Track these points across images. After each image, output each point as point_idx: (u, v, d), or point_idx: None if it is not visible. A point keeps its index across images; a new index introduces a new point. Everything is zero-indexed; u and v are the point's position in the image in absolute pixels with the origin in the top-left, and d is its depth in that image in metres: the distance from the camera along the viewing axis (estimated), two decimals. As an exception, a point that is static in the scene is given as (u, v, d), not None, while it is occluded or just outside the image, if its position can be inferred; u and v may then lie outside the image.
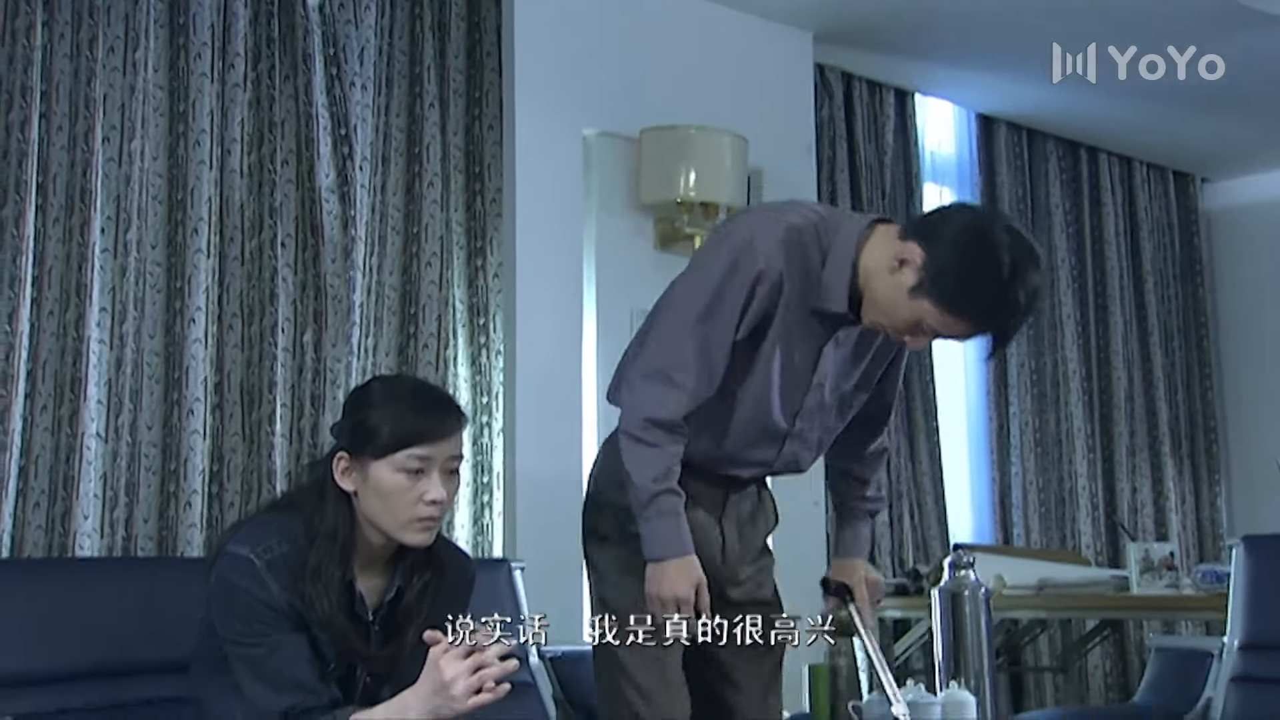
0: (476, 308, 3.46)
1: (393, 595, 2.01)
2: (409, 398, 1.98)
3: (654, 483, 1.99)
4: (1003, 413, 4.64)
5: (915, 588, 3.92)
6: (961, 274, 1.90)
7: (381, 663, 1.99)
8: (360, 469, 1.95)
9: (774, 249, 1.97)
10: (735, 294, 1.97)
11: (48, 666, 2.28)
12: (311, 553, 1.92)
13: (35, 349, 2.77)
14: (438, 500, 1.94)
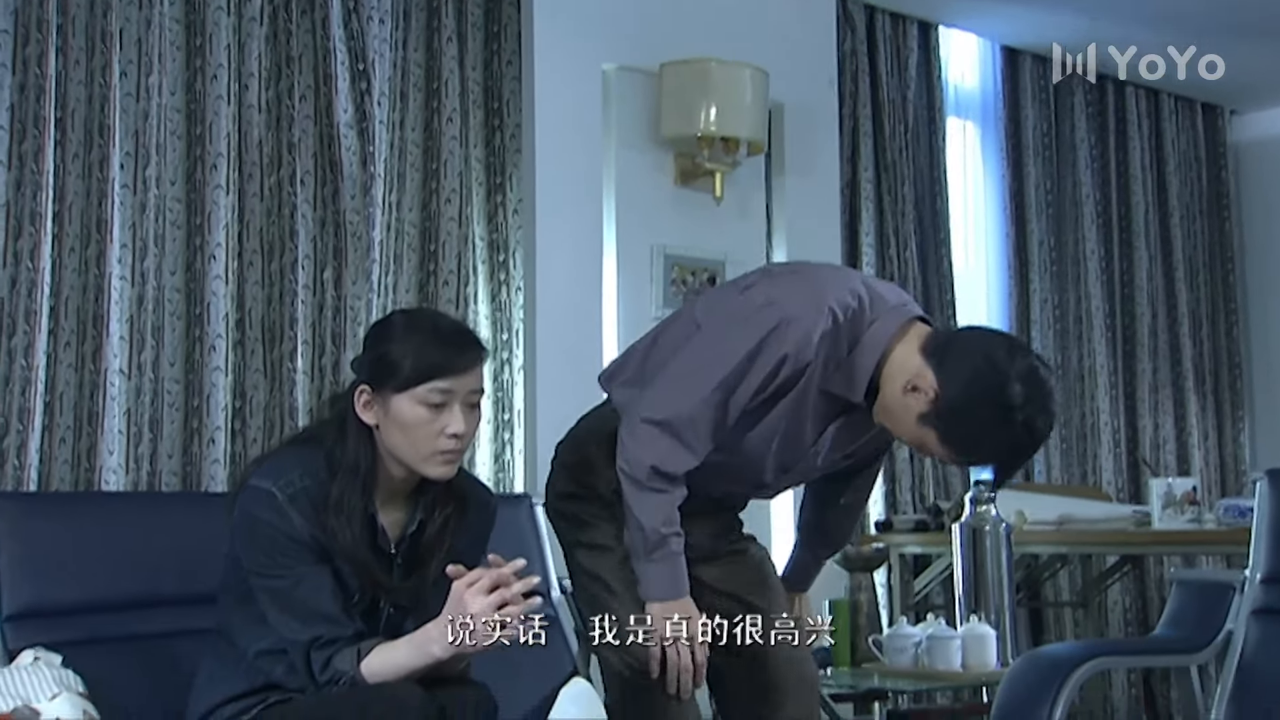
0: (496, 244, 3.45)
1: (414, 528, 2.01)
2: (430, 331, 1.98)
3: (662, 526, 1.99)
4: (1025, 350, 4.60)
5: (936, 523, 3.93)
6: (969, 421, 1.88)
7: (404, 595, 2.00)
8: (381, 402, 1.95)
9: (809, 341, 1.95)
10: (759, 371, 1.96)
11: (75, 599, 2.30)
12: (333, 485, 1.93)
13: (57, 285, 2.77)
14: (459, 434, 1.93)
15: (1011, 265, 4.62)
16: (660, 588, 2.02)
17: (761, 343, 1.96)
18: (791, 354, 1.95)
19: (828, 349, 1.97)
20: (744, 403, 1.98)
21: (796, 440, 2.06)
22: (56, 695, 1.96)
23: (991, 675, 3.03)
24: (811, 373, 1.99)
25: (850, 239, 4.19)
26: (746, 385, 1.97)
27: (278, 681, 1.96)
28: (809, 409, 2.02)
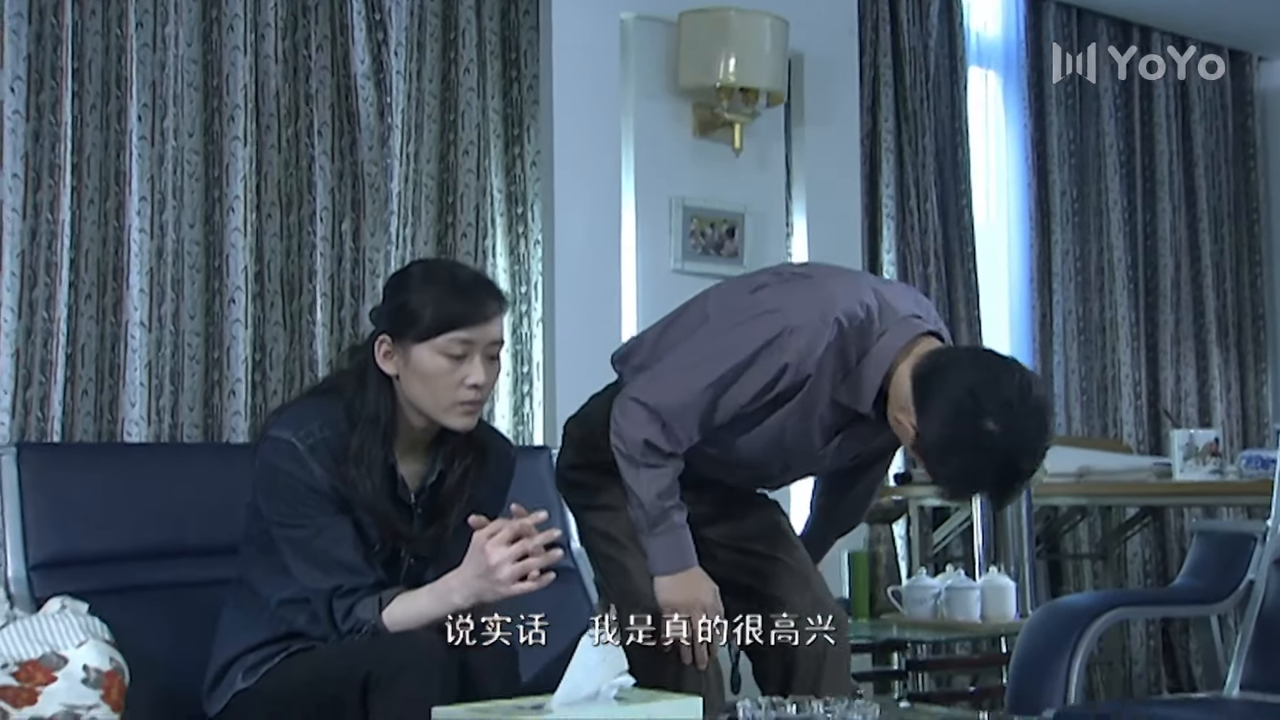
0: (514, 196, 3.43)
1: (434, 479, 2.02)
2: (449, 281, 1.98)
3: (660, 499, 2.01)
4: (1046, 301, 4.57)
5: (955, 476, 3.91)
6: (951, 461, 1.87)
7: (424, 545, 2.01)
8: (402, 352, 1.95)
9: (812, 352, 1.95)
10: (756, 377, 1.96)
11: (100, 548, 2.33)
12: (354, 436, 1.94)
13: (77, 237, 2.77)
14: (479, 384, 1.93)
15: (1033, 216, 4.57)
16: (666, 560, 2.03)
17: (761, 349, 1.96)
18: (793, 364, 1.95)
19: (834, 361, 1.96)
20: (740, 404, 1.99)
21: (804, 447, 2.06)
22: (83, 642, 1.99)
23: (1010, 626, 3.04)
24: (815, 384, 1.97)
25: (870, 190, 4.15)
26: (741, 388, 1.98)
27: (300, 630, 1.98)
28: (816, 418, 2.02)
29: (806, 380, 1.97)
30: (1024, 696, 2.44)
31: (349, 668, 1.84)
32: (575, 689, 1.50)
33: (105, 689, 1.96)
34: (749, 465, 2.13)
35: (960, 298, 4.32)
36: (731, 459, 2.10)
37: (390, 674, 1.77)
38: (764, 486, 2.27)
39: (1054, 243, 4.57)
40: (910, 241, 4.18)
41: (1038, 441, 1.89)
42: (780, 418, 2.02)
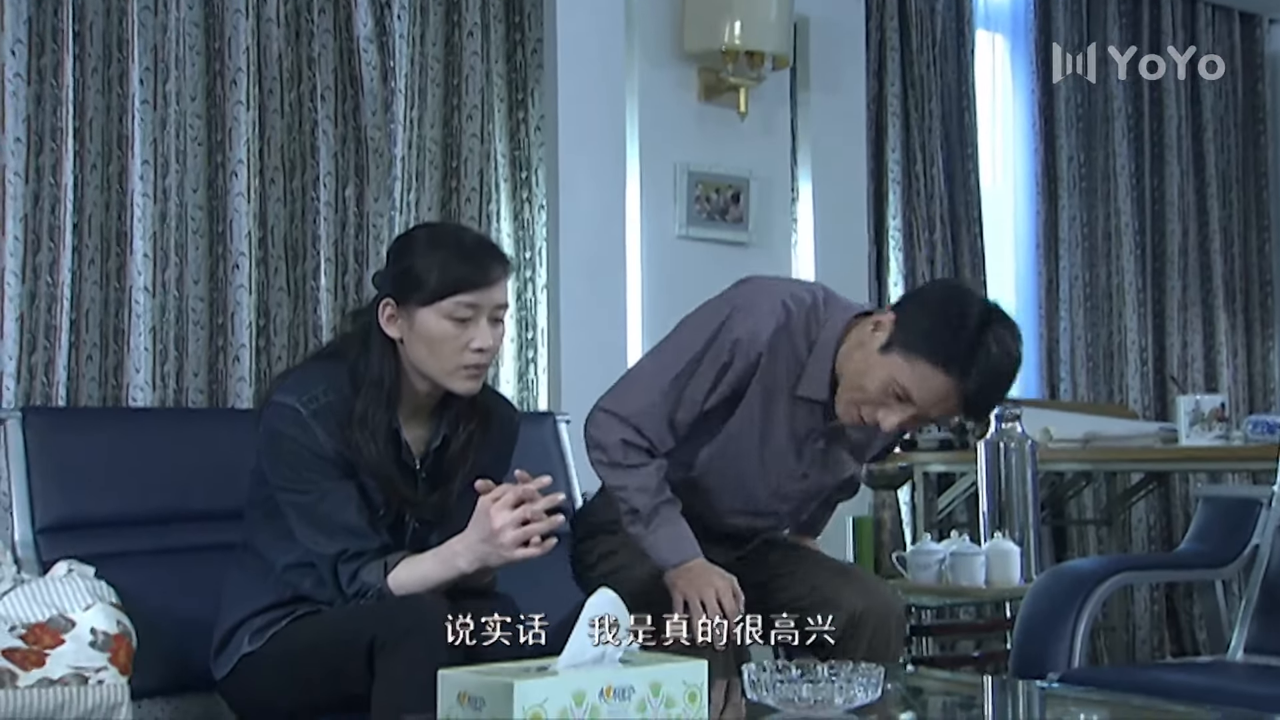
0: (519, 161, 3.42)
1: (438, 444, 2.01)
2: (454, 245, 1.97)
3: (651, 496, 2.02)
4: (1052, 267, 4.55)
5: (960, 441, 3.92)
6: (931, 326, 1.91)
7: (429, 509, 2.01)
8: (406, 316, 1.94)
9: (759, 327, 2.01)
10: (711, 362, 2.02)
11: (107, 512, 2.33)
12: (358, 400, 1.93)
13: (80, 202, 2.76)
14: (484, 348, 1.93)
15: (1040, 182, 4.54)
16: (670, 551, 2.03)
17: (713, 336, 2.02)
18: (743, 339, 2.00)
19: (785, 347, 2.01)
20: (701, 397, 2.02)
21: (781, 458, 2.09)
22: (91, 606, 1.99)
23: (1015, 591, 3.04)
24: (768, 369, 2.02)
25: (876, 155, 4.13)
26: (699, 380, 2.02)
27: (306, 594, 1.98)
28: (779, 419, 2.05)
29: (759, 361, 2.01)
30: (1028, 661, 2.44)
31: (355, 631, 1.84)
32: (581, 651, 1.50)
33: (113, 652, 1.96)
34: (737, 496, 2.13)
35: (966, 263, 4.30)
36: (718, 493, 2.11)
37: (396, 637, 1.78)
38: (766, 526, 2.23)
39: (1061, 208, 4.55)
40: (916, 207, 4.16)
41: (1016, 332, 1.94)
42: (744, 419, 2.05)
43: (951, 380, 1.90)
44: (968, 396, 1.92)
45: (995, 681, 2.42)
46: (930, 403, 1.93)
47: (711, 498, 2.15)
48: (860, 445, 2.20)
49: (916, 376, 1.92)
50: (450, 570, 1.88)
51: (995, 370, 1.92)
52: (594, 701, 1.45)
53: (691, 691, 1.53)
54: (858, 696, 1.63)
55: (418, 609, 1.83)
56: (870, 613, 2.10)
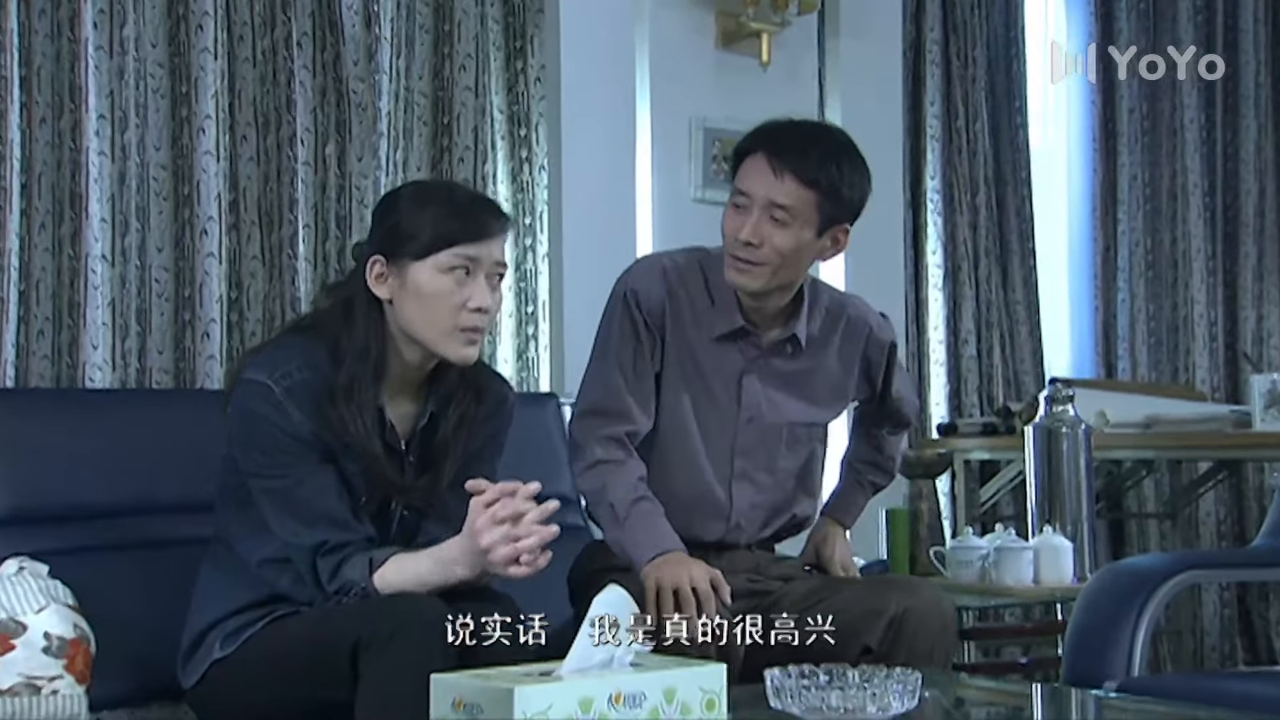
0: (517, 117, 3.40)
1: (425, 422, 2.01)
2: (448, 199, 1.99)
3: (628, 493, 2.16)
4: (1109, 232, 4.53)
5: (1006, 426, 3.92)
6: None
7: (417, 495, 2.01)
8: (398, 273, 1.95)
9: (648, 276, 2.28)
10: (624, 323, 2.24)
11: (62, 504, 2.33)
12: (342, 373, 1.93)
13: (29, 160, 2.75)
14: (483, 308, 1.94)
15: (1097, 138, 4.52)
16: (646, 546, 2.11)
17: (618, 303, 2.26)
18: (640, 289, 2.24)
19: (682, 291, 2.25)
20: (643, 360, 2.23)
21: (721, 409, 2.26)
22: (44, 608, 2.00)
23: (1067, 591, 3.03)
24: (678, 319, 2.24)
25: (913, 109, 4.12)
26: (628, 343, 2.23)
27: (283, 592, 1.98)
28: (709, 369, 2.26)
29: (664, 310, 2.23)
30: (1082, 668, 2.43)
31: (338, 633, 1.84)
32: (588, 654, 1.50)
33: (69, 659, 1.97)
34: (696, 467, 2.26)
35: (1013, 229, 4.29)
36: (678, 468, 2.25)
37: (384, 637, 1.78)
38: (742, 504, 2.30)
39: (1120, 166, 4.52)
40: (957, 166, 4.15)
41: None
42: (676, 384, 2.24)
43: (758, 150, 2.18)
44: (773, 148, 2.16)
45: (1045, 690, 2.41)
46: (756, 181, 2.16)
47: (673, 485, 2.24)
48: (802, 377, 2.31)
49: (740, 175, 2.20)
50: (448, 576, 1.88)
51: (798, 125, 2.23)
52: (602, 709, 1.45)
53: (709, 698, 1.53)
54: (893, 705, 1.62)
55: (408, 606, 1.83)
56: (912, 614, 2.12)
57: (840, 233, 2.24)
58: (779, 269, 2.19)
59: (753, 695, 1.75)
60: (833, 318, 2.35)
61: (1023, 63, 4.31)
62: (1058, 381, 3.61)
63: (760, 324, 2.27)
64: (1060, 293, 4.54)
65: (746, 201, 2.17)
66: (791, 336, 2.28)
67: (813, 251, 2.23)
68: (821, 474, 2.44)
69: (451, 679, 1.48)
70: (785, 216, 2.16)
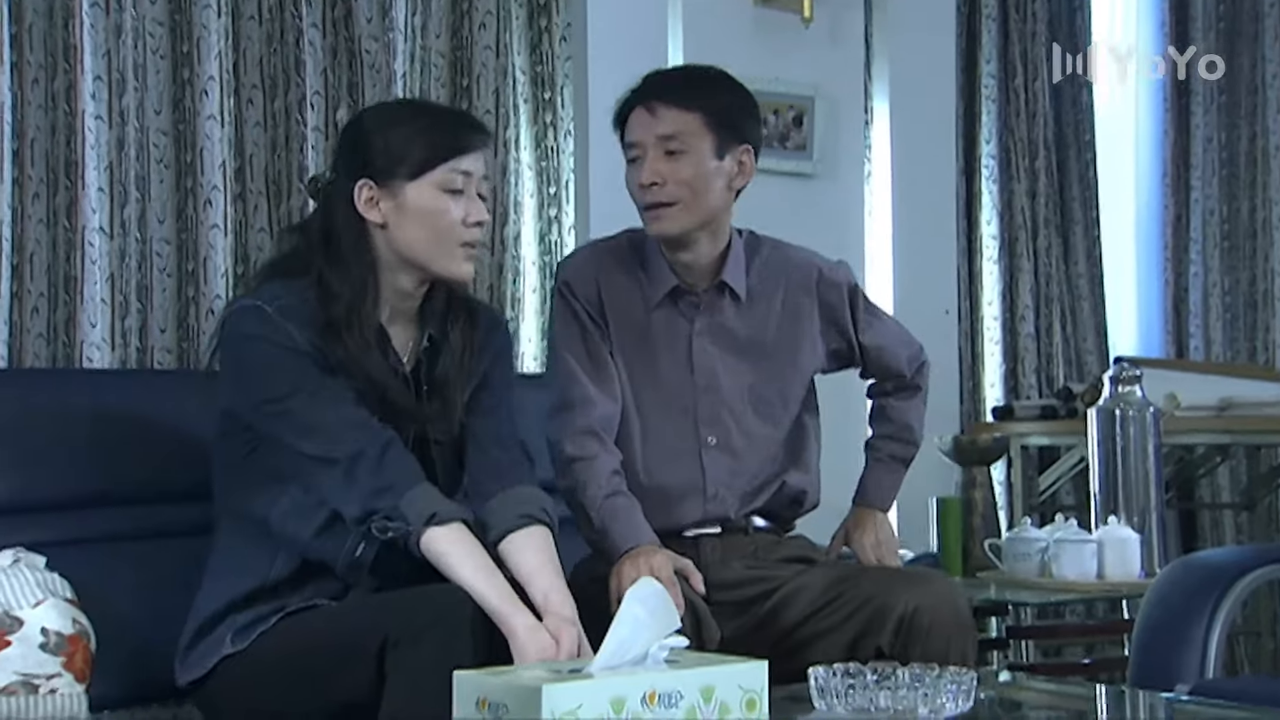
0: (541, 79, 3.40)
1: (426, 346, 2.08)
2: (430, 112, 2.12)
3: (600, 489, 2.22)
4: (1181, 199, 4.50)
5: (1067, 409, 3.91)
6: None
7: (432, 422, 2.05)
8: (391, 196, 2.01)
9: (578, 263, 2.41)
10: (565, 314, 2.34)
11: (59, 492, 2.35)
12: (337, 305, 1.98)
13: (20, 125, 2.76)
14: (481, 222, 2.04)
15: (1168, 96, 4.48)
16: (618, 542, 2.17)
17: (558, 300, 2.36)
18: (571, 278, 2.35)
19: (615, 268, 2.35)
20: (597, 347, 2.32)
21: (676, 379, 2.34)
22: (41, 601, 2.01)
23: (1134, 586, 3.02)
24: (617, 297, 2.33)
25: (967, 66, 4.10)
26: (575, 332, 2.32)
27: (304, 549, 1.98)
28: (658, 341, 2.34)
29: (600, 293, 2.33)
30: (1151, 669, 2.42)
31: (364, 629, 1.85)
32: (621, 650, 1.50)
33: (68, 655, 1.99)
34: (663, 441, 2.32)
35: (1075, 196, 4.27)
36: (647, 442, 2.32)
37: (413, 633, 1.79)
38: (718, 475, 2.35)
39: (1194, 127, 4.49)
40: (1015, 129, 4.13)
41: None
42: (629, 362, 2.33)
43: (635, 104, 2.31)
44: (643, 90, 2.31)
45: (1110, 692, 2.40)
46: (638, 128, 2.29)
47: (640, 463, 2.31)
48: (755, 336, 2.37)
49: (628, 132, 2.32)
50: (498, 616, 1.84)
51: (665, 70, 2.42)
52: (635, 709, 1.45)
53: (750, 697, 1.53)
54: (946, 706, 1.62)
55: (438, 601, 1.84)
56: (922, 612, 2.12)
57: (743, 154, 2.32)
58: (691, 203, 2.27)
59: (795, 695, 1.75)
60: (774, 268, 2.41)
61: (1087, 15, 4.28)
62: (1124, 361, 3.59)
63: (695, 281, 2.35)
64: (1126, 265, 4.52)
65: (638, 152, 2.29)
66: (723, 284, 2.35)
67: (720, 178, 2.29)
68: (818, 447, 2.47)
69: (476, 676, 1.49)
70: (677, 145, 2.26)
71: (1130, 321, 4.52)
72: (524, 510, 2.01)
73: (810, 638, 2.19)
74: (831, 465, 2.54)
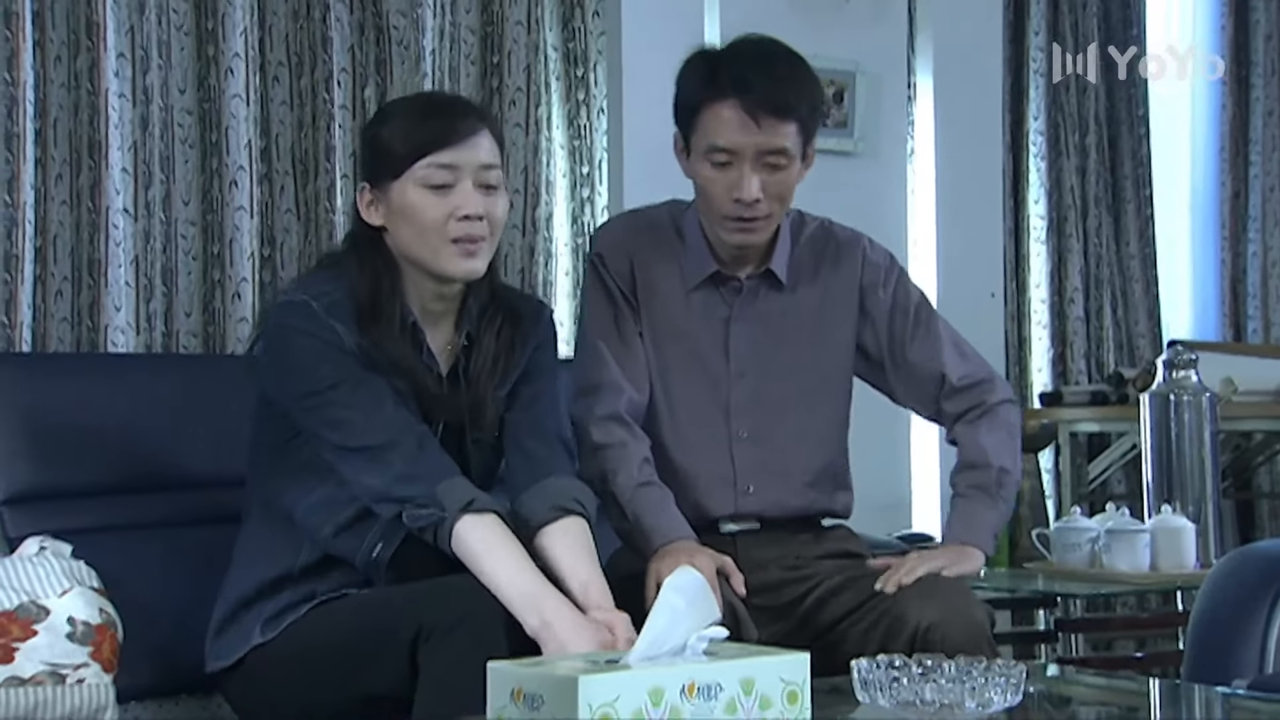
0: (573, 55, 3.41)
1: (464, 344, 2.08)
2: (422, 103, 2.09)
3: (630, 479, 2.18)
4: (1239, 175, 4.46)
5: (1117, 395, 3.89)
6: (677, 93, 2.26)
7: (467, 415, 2.06)
8: (383, 198, 2.02)
9: (613, 235, 2.35)
10: (596, 290, 2.31)
11: (85, 480, 2.37)
12: (360, 298, 1.99)
13: (43, 104, 2.79)
14: (471, 215, 1.99)
15: (1227, 68, 4.45)
16: (652, 535, 2.13)
17: (589, 272, 2.33)
18: (605, 252, 2.31)
19: (649, 244, 2.30)
20: (628, 326, 2.28)
21: (710, 367, 2.29)
22: (67, 590, 2.03)
23: (1189, 578, 3.01)
24: (650, 274, 2.29)
25: (1014, 39, 4.08)
26: (605, 311, 2.29)
27: (328, 546, 2.00)
28: (695, 324, 2.29)
29: (632, 270, 2.28)
30: (1207, 664, 2.40)
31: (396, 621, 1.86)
32: (658, 641, 1.50)
33: (95, 645, 2.00)
34: (695, 429, 2.28)
35: (1127, 174, 4.25)
36: (676, 432, 2.28)
37: (446, 626, 1.80)
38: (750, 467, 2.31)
39: (1253, 100, 4.45)
40: (1064, 104, 4.11)
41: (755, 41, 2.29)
42: (657, 349, 2.28)
43: (726, 98, 2.16)
44: (744, 94, 2.15)
45: (1164, 686, 2.39)
46: (737, 134, 2.15)
47: (672, 457, 2.28)
48: (792, 320, 2.32)
49: (708, 129, 2.18)
50: (525, 613, 1.83)
51: (750, 57, 2.20)
52: (674, 701, 1.45)
53: (791, 690, 1.53)
54: (994, 700, 1.61)
55: (473, 594, 1.84)
56: (936, 629, 2.07)
57: (811, 148, 2.25)
58: (778, 214, 2.24)
59: (837, 687, 1.75)
60: (818, 245, 2.36)
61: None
62: (1178, 344, 3.57)
63: (739, 266, 2.30)
64: (1181, 245, 4.50)
65: (729, 159, 2.17)
66: (768, 272, 2.30)
67: (799, 179, 2.25)
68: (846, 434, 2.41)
69: (510, 667, 1.49)
70: (778, 160, 2.18)
71: (1185, 303, 4.50)
72: (557, 502, 2.01)
73: (842, 640, 2.16)
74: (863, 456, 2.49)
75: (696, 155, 2.21)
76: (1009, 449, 2.34)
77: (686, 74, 2.25)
